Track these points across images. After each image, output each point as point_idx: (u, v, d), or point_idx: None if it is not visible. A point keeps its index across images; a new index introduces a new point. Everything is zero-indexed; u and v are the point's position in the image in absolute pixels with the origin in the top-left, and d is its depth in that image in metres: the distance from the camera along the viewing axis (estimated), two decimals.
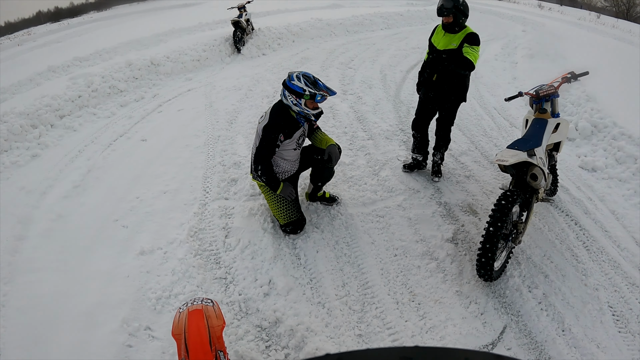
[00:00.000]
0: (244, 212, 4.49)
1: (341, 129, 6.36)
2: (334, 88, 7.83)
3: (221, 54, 10.76)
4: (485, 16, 18.98)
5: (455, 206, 4.67)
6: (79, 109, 7.45)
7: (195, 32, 13.33)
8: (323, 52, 11.27)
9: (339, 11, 16.47)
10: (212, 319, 2.00)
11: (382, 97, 7.78)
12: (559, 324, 3.38)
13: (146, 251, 4.06)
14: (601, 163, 5.47)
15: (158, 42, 11.96)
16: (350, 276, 3.80)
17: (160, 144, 6.18)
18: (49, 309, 3.50)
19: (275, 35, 12.11)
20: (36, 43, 16.11)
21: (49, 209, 4.80)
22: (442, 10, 4.35)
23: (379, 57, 10.69)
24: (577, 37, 13.06)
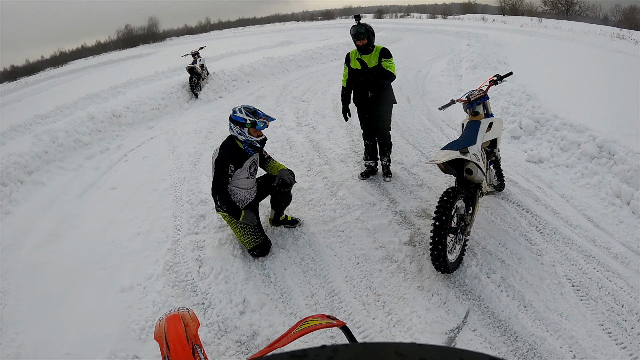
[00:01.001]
0: (214, 243, 4.78)
1: (298, 158, 6.73)
2: (289, 122, 8.30)
3: (179, 100, 11.08)
4: (431, 36, 19.88)
5: (410, 213, 5.03)
6: (46, 164, 7.61)
7: (152, 81, 13.61)
8: (277, 88, 11.73)
9: (290, 48, 17.04)
10: (188, 321, 2.34)
11: (335, 124, 8.22)
12: (519, 301, 3.63)
13: (126, 288, 4.30)
14: (547, 154, 5.92)
15: (117, 94, 12.17)
16: (317, 287, 4.10)
17: (130, 190, 6.44)
18: (37, 354, 3.69)
19: (230, 77, 12.51)
20: None
21: (26, 259, 4.99)
22: (358, 35, 5.16)
23: (330, 87, 11.19)
24: (517, 43, 13.83)
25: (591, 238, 4.37)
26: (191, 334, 2.24)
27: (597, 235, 4.41)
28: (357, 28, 5.17)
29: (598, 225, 4.56)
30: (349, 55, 5.49)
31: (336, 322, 1.70)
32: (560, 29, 17.34)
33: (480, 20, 30.56)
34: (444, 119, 7.85)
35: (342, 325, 1.72)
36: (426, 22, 32.32)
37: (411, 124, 7.60)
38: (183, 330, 2.24)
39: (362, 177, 5.92)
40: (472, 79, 9.89)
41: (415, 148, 6.79)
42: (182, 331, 2.23)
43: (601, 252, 4.16)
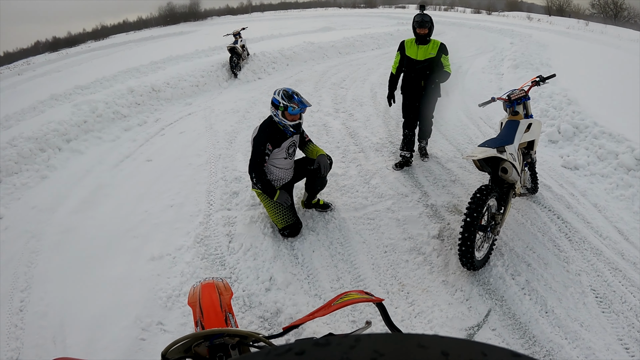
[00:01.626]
0: (245, 220, 4.83)
1: (334, 144, 6.72)
2: (327, 107, 8.27)
3: (218, 79, 11.13)
4: (474, 31, 19.52)
5: (441, 207, 4.98)
6: (84, 133, 7.78)
7: (192, 58, 13.67)
8: (316, 74, 11.68)
9: (331, 34, 16.95)
10: (221, 290, 2.36)
11: (372, 113, 8.16)
12: (541, 306, 3.60)
13: (156, 257, 4.39)
14: (583, 161, 5.74)
15: (156, 70, 12.34)
16: (344, 271, 4.12)
17: (165, 164, 6.54)
18: (64, 313, 3.81)
19: (270, 59, 12.51)
20: (36, 72, 16.44)
21: (61, 224, 5.14)
22: (424, 23, 5.30)
23: (369, 76, 11.10)
24: (561, 45, 13.51)
25: (620, 251, 4.25)
26: (225, 302, 2.26)
27: (626, 249, 4.28)
28: (423, 16, 5.33)
29: (628, 239, 4.42)
30: (404, 44, 5.59)
31: (374, 298, 1.69)
32: (607, 34, 16.83)
33: (525, 19, 29.86)
34: (481, 117, 7.70)
35: (380, 301, 1.71)
36: (470, 16, 31.78)
37: (448, 118, 7.48)
38: (217, 297, 2.26)
39: (397, 167, 5.89)
40: (513, 78, 9.67)
41: (451, 143, 6.70)
42: (217, 299, 2.25)
43: (628, 266, 4.06)
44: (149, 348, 3.44)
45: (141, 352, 3.41)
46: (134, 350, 3.41)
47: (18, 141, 6.84)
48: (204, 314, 2.15)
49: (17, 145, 6.73)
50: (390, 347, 0.41)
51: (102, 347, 3.45)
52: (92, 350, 3.42)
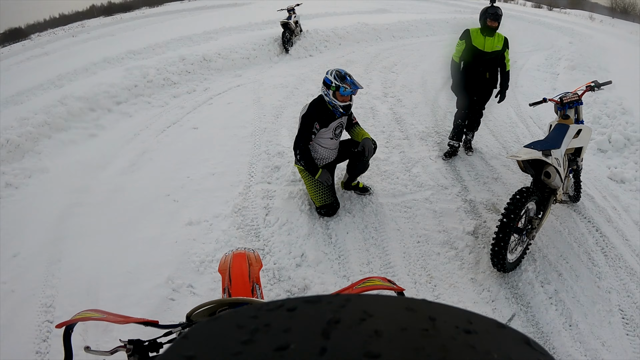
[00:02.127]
0: (284, 195, 4.87)
1: (379, 128, 6.66)
2: (376, 91, 8.20)
3: (270, 53, 11.13)
4: (533, 26, 18.92)
5: (479, 204, 4.91)
6: (134, 97, 7.98)
7: (245, 31, 13.72)
8: (367, 55, 11.54)
9: (386, 16, 16.68)
10: (252, 261, 2.40)
11: (421, 101, 8.04)
12: (566, 318, 3.54)
13: (193, 222, 4.49)
14: (630, 175, 5.53)
15: (208, 39, 12.44)
16: (375, 256, 4.13)
17: (210, 132, 6.62)
18: (100, 266, 3.95)
19: (322, 37, 12.43)
20: (90, 35, 16.83)
21: (106, 181, 5.31)
22: (497, 16, 5.16)
23: (421, 62, 10.91)
24: (623, 50, 13.00)
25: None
26: (253, 273, 2.29)
27: None
28: (496, 9, 5.19)
29: None
30: (469, 32, 5.39)
31: (396, 287, 1.68)
32: None
33: (587, 19, 28.71)
34: (531, 116, 7.48)
35: (401, 291, 1.70)
36: (530, 10, 30.72)
37: (498, 114, 7.29)
38: (247, 268, 2.29)
39: (446, 157, 5.84)
40: (569, 80, 9.34)
41: (498, 140, 6.55)
42: (246, 269, 2.28)
43: None
44: (177, 308, 3.54)
45: (169, 311, 3.52)
46: (162, 309, 3.53)
47: (69, 100, 7.06)
48: (232, 282, 2.19)
49: (68, 104, 6.95)
50: (379, 309, 0.41)
51: (132, 302, 3.58)
52: (123, 304, 3.54)
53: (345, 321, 0.39)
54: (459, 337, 0.38)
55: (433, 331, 0.38)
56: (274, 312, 0.41)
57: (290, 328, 0.38)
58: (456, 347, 0.37)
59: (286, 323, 0.39)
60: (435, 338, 0.37)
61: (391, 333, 0.37)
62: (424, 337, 0.37)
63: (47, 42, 16.78)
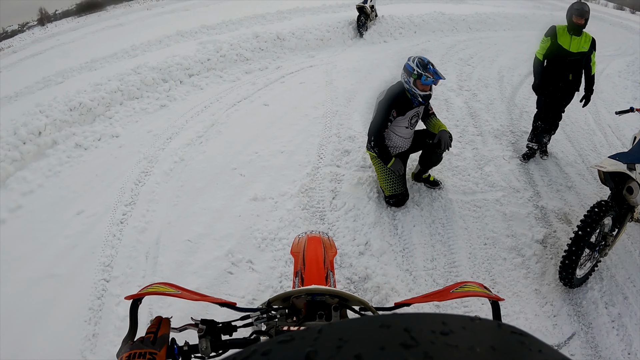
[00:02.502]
0: (352, 180, 4.81)
1: (453, 122, 6.47)
2: (450, 83, 7.98)
3: (344, 36, 11.02)
4: (615, 29, 17.92)
5: (551, 212, 4.68)
6: (206, 70, 8.09)
7: (319, 13, 13.66)
8: (443, 46, 11.24)
9: (463, 7, 16.19)
10: (327, 247, 2.33)
11: (497, 97, 7.74)
12: (627, 345, 3.35)
13: (259, 198, 4.51)
14: None
15: (282, 19, 12.45)
16: (439, 253, 4.02)
17: (281, 110, 6.62)
18: (161, 232, 4.06)
19: (398, 24, 12.18)
20: (164, 9, 17.12)
21: (174, 152, 5.40)
22: (584, 13, 4.82)
23: (498, 57, 10.52)
24: None
25: None
26: (328, 259, 2.22)
27: None
28: (583, 5, 4.86)
29: None
30: (555, 29, 5.07)
31: (494, 296, 1.57)
32: None
33: None
34: (610, 125, 7.03)
35: (498, 300, 1.58)
36: (612, 12, 29.06)
37: (575, 119, 6.91)
38: (322, 253, 2.23)
39: (524, 159, 5.60)
40: None
41: (574, 146, 6.18)
42: (321, 254, 2.22)
43: None
44: (235, 282, 3.59)
45: (226, 284, 3.57)
46: (220, 281, 3.58)
47: (142, 69, 7.26)
48: (306, 267, 2.12)
49: (141, 73, 7.14)
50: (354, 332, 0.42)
51: (191, 271, 3.65)
52: (181, 272, 3.63)
53: (323, 352, 0.39)
54: (438, 341, 0.39)
55: (412, 342, 0.39)
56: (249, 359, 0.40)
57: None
58: (438, 350, 0.38)
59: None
60: (415, 348, 0.38)
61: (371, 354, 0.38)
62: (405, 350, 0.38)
63: (122, 14, 17.25)
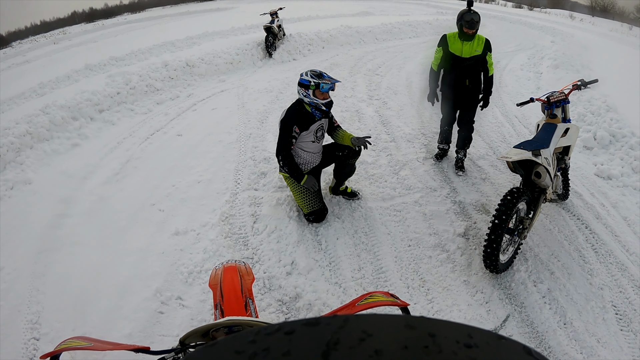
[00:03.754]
0: (271, 202, 4.81)
1: (365, 131, 6.58)
2: (361, 94, 8.18)
3: (253, 57, 11.06)
4: (515, 26, 19.04)
5: (469, 205, 4.89)
6: (117, 104, 7.86)
7: (228, 35, 13.63)
8: (352, 58, 11.52)
9: (369, 19, 16.69)
10: (244, 275, 2.33)
11: (407, 102, 8.00)
12: (561, 317, 3.54)
13: (180, 232, 4.42)
14: (617, 171, 5.54)
15: (192, 45, 12.31)
16: (366, 262, 4.08)
17: (195, 139, 6.54)
18: (86, 279, 3.86)
19: (306, 41, 12.36)
20: (72, 42, 16.56)
21: (91, 191, 5.20)
22: (473, 24, 4.88)
23: (405, 64, 10.90)
24: (604, 48, 13.09)
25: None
26: (246, 287, 2.23)
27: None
28: (472, 16, 4.88)
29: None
30: (446, 38, 5.15)
31: (400, 302, 1.63)
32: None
33: (568, 18, 28.92)
34: (517, 115, 7.46)
35: (405, 306, 1.65)
36: (511, 10, 30.87)
37: (483, 115, 7.22)
38: (239, 282, 2.23)
39: (437, 158, 5.80)
40: (552, 79, 9.39)
41: (484, 140, 6.53)
42: (238, 283, 2.22)
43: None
44: (167, 322, 3.48)
45: (159, 325, 3.45)
46: (152, 323, 3.46)
47: (51, 109, 6.94)
48: (224, 298, 2.12)
49: (50, 113, 6.83)
50: (379, 327, 0.42)
51: (121, 316, 3.50)
52: (111, 318, 3.48)
53: (345, 342, 0.39)
54: (461, 352, 0.39)
55: (434, 347, 0.39)
56: (272, 336, 0.41)
57: (289, 351, 0.39)
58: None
59: (285, 346, 0.39)
60: (436, 354, 0.38)
61: (392, 352, 0.38)
62: (426, 354, 0.38)
63: (29, 50, 16.53)
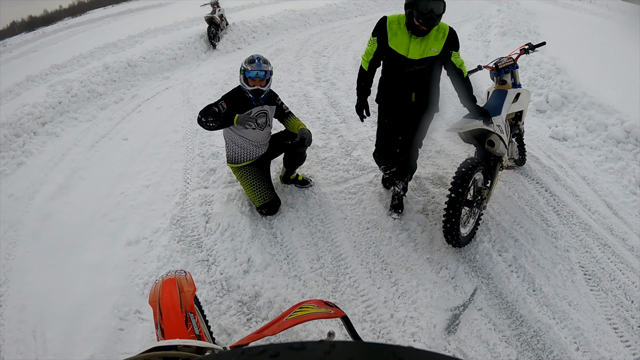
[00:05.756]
0: (222, 199, 4.68)
1: (314, 115, 6.53)
2: (308, 77, 8.07)
3: (197, 50, 10.88)
4: None
5: (425, 180, 4.84)
6: (60, 114, 7.61)
7: (171, 31, 13.41)
8: (297, 42, 11.40)
9: (313, 1, 16.55)
10: (183, 286, 2.22)
11: (355, 82, 7.87)
12: (529, 284, 3.53)
13: (132, 241, 4.26)
14: (572, 132, 5.59)
15: (134, 44, 12.11)
16: (324, 250, 4.00)
17: (141, 142, 6.36)
18: (43, 305, 3.69)
19: (250, 29, 12.20)
20: (12, 54, 16.12)
21: (37, 210, 4.96)
22: (431, 20, 3.24)
23: (352, 43, 10.84)
24: (550, 13, 13.22)
25: (608, 226, 4.15)
26: (185, 301, 2.12)
27: (615, 224, 4.17)
28: (433, 5, 3.18)
29: (617, 214, 4.31)
30: (385, 25, 3.53)
31: (334, 313, 1.53)
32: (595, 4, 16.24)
33: None
34: None
35: (342, 316, 1.56)
36: None
37: None
38: (177, 296, 2.12)
39: (386, 186, 4.71)
40: (500, 46, 9.40)
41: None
42: (177, 297, 2.11)
43: (617, 242, 3.96)
44: (128, 338, 3.35)
45: (120, 342, 3.32)
46: (112, 341, 3.32)
47: None
48: (164, 316, 2.01)
49: None
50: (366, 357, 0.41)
51: (81, 338, 3.36)
52: (72, 342, 3.34)
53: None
54: None
55: None
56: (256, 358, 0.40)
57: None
58: None
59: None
60: None
61: None
62: None
63: None
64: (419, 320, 3.31)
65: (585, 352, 3.04)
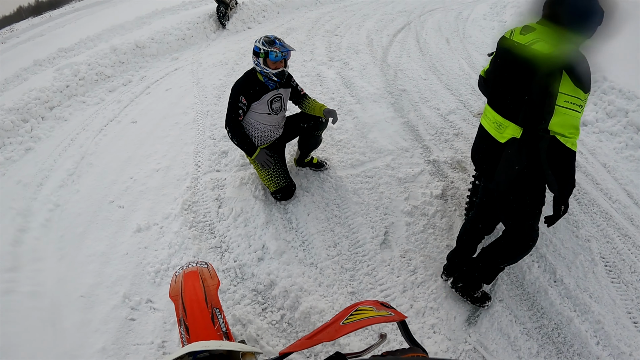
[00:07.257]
0: (235, 182, 4.54)
1: (328, 95, 6.35)
2: (320, 56, 7.86)
3: (206, 30, 10.66)
4: None
5: (444, 164, 4.67)
6: (67, 98, 7.49)
7: (179, 11, 13.21)
8: (308, 21, 11.14)
9: None
10: (206, 279, 2.07)
11: (369, 61, 7.71)
12: (550, 275, 3.41)
13: (142, 228, 4.15)
14: (591, 117, 5.38)
15: (142, 25, 11.92)
16: (341, 236, 3.87)
17: (150, 125, 6.22)
18: (53, 294, 3.60)
19: (260, 7, 11.94)
20: (19, 39, 16.11)
21: (46, 199, 4.86)
22: None
23: (365, 22, 10.57)
24: None
25: (629, 216, 3.96)
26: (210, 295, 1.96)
27: (636, 214, 3.99)
28: None
29: (638, 204, 4.11)
30: None
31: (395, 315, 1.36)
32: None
33: None
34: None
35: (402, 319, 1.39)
36: None
37: (450, 67, 7.04)
38: (202, 290, 1.97)
39: None
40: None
41: (453, 94, 6.27)
42: (201, 292, 1.96)
43: (638, 233, 3.79)
44: (139, 329, 3.26)
45: (132, 334, 3.23)
46: (124, 332, 3.24)
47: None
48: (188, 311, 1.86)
49: None
50: None
51: (92, 330, 3.27)
52: (83, 334, 3.25)
53: None
54: None
55: None
56: None
57: None
58: None
59: None
60: None
61: None
62: None
63: None
64: (438, 311, 3.21)
65: (605, 346, 2.97)
